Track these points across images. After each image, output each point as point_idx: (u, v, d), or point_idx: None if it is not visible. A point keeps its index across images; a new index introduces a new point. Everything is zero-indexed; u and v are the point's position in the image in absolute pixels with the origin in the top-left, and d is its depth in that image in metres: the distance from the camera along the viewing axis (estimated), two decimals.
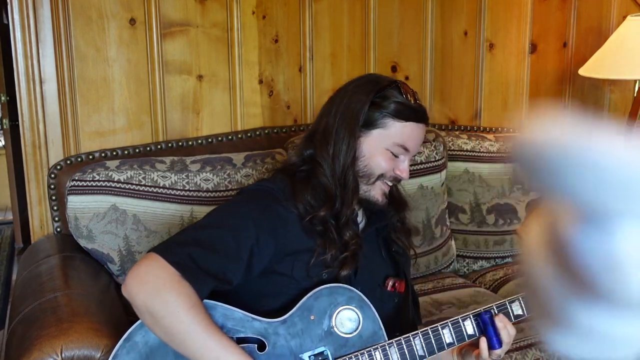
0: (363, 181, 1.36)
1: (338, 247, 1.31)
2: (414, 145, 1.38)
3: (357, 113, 1.34)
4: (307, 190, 1.33)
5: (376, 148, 1.35)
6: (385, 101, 1.35)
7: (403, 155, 1.37)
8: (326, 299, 1.26)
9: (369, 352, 1.25)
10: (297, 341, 1.23)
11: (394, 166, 1.37)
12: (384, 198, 1.39)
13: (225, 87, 2.22)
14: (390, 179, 1.38)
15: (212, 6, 2.15)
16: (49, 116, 1.97)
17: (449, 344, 1.28)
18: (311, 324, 1.24)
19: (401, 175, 1.38)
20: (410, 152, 1.38)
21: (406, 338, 1.26)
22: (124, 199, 1.76)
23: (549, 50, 2.87)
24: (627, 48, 2.63)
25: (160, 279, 1.14)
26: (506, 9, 2.71)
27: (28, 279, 1.65)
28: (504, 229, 2.35)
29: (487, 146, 2.36)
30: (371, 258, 1.41)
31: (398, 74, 2.56)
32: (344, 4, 2.39)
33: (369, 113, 1.35)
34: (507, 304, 1.33)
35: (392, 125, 1.35)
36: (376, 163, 1.35)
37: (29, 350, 1.25)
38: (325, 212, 1.31)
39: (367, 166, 1.35)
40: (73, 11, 1.95)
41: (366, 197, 1.37)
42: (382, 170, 1.36)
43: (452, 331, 1.28)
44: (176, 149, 2.10)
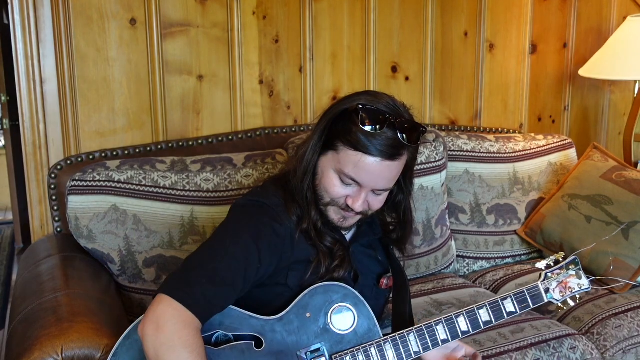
0: (318, 200, 1.32)
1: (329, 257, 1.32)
2: (366, 180, 1.26)
3: (321, 130, 1.31)
4: (293, 202, 1.33)
5: (327, 170, 1.30)
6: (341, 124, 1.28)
7: (355, 187, 1.28)
8: (321, 296, 1.28)
9: (365, 349, 1.26)
10: (293, 338, 1.24)
11: (348, 194, 1.29)
12: (342, 222, 1.33)
13: (225, 88, 2.22)
14: (343, 207, 1.31)
15: (213, 6, 2.15)
16: (49, 116, 1.97)
17: (443, 340, 1.29)
18: (307, 322, 1.26)
19: (352, 206, 1.29)
20: (364, 185, 1.27)
21: (401, 335, 1.28)
22: (125, 199, 1.77)
23: (549, 51, 2.87)
24: (627, 48, 2.63)
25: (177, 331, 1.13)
26: (506, 9, 2.72)
27: (28, 279, 1.65)
28: (504, 230, 2.35)
29: (487, 147, 2.36)
30: (366, 263, 1.44)
31: (398, 74, 2.56)
32: (344, 4, 2.39)
33: (330, 133, 1.30)
34: (499, 301, 1.34)
35: (342, 151, 1.27)
36: (325, 187, 1.30)
37: (30, 350, 1.25)
38: (306, 223, 1.32)
39: (319, 186, 1.32)
40: (74, 11, 1.95)
41: (325, 216, 1.33)
42: (331, 194, 1.30)
43: (446, 328, 1.30)
44: (176, 149, 2.10)
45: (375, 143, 1.23)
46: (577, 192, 2.28)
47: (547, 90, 2.92)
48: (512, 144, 2.43)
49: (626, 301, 1.99)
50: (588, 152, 2.43)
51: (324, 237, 1.33)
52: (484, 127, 2.74)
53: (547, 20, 2.83)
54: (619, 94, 3.13)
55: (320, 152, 1.31)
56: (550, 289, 1.36)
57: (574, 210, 2.24)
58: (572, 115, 3.02)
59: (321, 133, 1.31)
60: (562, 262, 1.39)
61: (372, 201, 1.31)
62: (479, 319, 1.32)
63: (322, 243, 1.33)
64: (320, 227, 1.33)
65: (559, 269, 1.38)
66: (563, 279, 1.37)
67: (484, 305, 1.32)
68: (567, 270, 1.38)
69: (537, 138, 2.53)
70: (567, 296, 1.37)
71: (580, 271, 1.39)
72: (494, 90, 2.77)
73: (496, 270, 2.29)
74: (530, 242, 2.34)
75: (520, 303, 1.35)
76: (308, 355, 1.24)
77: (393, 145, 1.24)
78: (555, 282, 1.36)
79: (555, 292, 1.36)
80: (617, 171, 2.27)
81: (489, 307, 1.33)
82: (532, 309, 1.37)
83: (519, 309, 1.34)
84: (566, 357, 1.73)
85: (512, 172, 2.38)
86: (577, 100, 3.02)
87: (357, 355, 1.25)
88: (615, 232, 2.08)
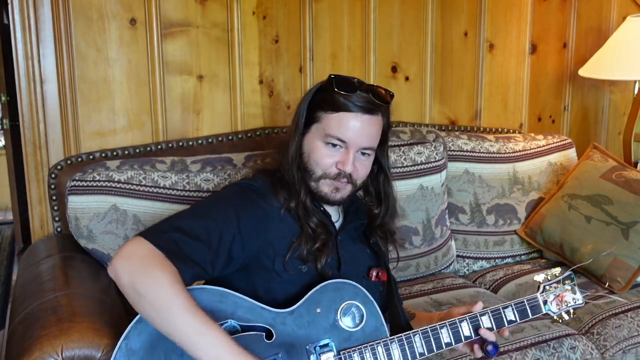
0: (308, 177, 1.41)
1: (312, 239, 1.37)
2: (351, 136, 1.37)
3: (300, 114, 1.44)
4: (282, 187, 1.41)
5: (314, 143, 1.40)
6: (319, 97, 1.42)
7: (342, 148, 1.38)
8: (332, 293, 1.31)
9: (372, 347, 1.29)
10: (303, 332, 1.27)
11: (337, 160, 1.39)
12: (334, 194, 1.41)
13: (225, 88, 2.22)
14: (334, 176, 1.39)
15: (213, 6, 2.15)
16: (49, 116, 1.97)
17: (447, 344, 1.33)
18: (317, 317, 1.28)
19: (342, 169, 1.38)
20: (349, 144, 1.38)
21: (407, 336, 1.31)
22: (125, 199, 1.77)
23: (549, 51, 2.88)
24: (627, 48, 2.63)
25: (145, 257, 1.18)
26: (506, 9, 2.72)
27: (28, 279, 1.65)
28: (504, 229, 2.35)
29: (487, 147, 2.36)
30: (353, 252, 1.48)
31: (398, 74, 2.56)
32: (344, 4, 2.39)
33: (310, 112, 1.43)
34: (500, 309, 1.38)
35: (325, 117, 1.39)
36: (315, 159, 1.40)
37: (30, 350, 1.25)
38: (294, 203, 1.39)
39: (308, 162, 1.41)
40: (74, 11, 1.95)
41: (317, 192, 1.41)
42: (322, 166, 1.39)
43: (449, 332, 1.33)
44: (176, 149, 2.10)
45: (352, 100, 1.37)
46: (577, 192, 2.28)
47: (547, 90, 2.92)
48: (512, 144, 2.43)
49: (626, 301, 1.99)
50: (588, 152, 2.43)
51: (310, 216, 1.40)
52: (483, 127, 2.74)
53: (547, 20, 2.83)
54: (619, 94, 3.13)
55: (303, 132, 1.43)
56: (548, 301, 1.43)
57: (573, 210, 2.24)
58: (572, 115, 3.02)
59: (300, 117, 1.43)
60: (559, 277, 1.45)
61: (359, 166, 1.40)
62: (482, 325, 1.36)
63: (307, 223, 1.39)
64: (308, 206, 1.40)
65: (555, 282, 1.44)
66: (560, 292, 1.44)
67: (486, 312, 1.37)
68: (563, 285, 1.45)
69: (537, 138, 2.53)
70: (563, 309, 1.44)
71: (575, 286, 1.46)
72: (494, 90, 2.77)
73: (496, 270, 2.29)
74: (530, 242, 2.34)
75: (520, 313, 1.40)
76: (317, 350, 1.26)
77: (369, 101, 1.38)
78: (553, 295, 1.43)
79: (553, 304, 1.43)
80: (617, 171, 2.27)
81: (491, 315, 1.37)
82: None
83: (520, 318, 1.39)
84: (566, 357, 1.74)
85: (512, 172, 2.38)
86: (577, 100, 3.02)
87: (364, 353, 1.28)
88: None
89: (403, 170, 2.12)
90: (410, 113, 2.62)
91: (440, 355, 1.65)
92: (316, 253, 1.37)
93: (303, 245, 1.36)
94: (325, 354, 1.26)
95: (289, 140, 1.45)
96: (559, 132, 2.96)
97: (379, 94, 1.40)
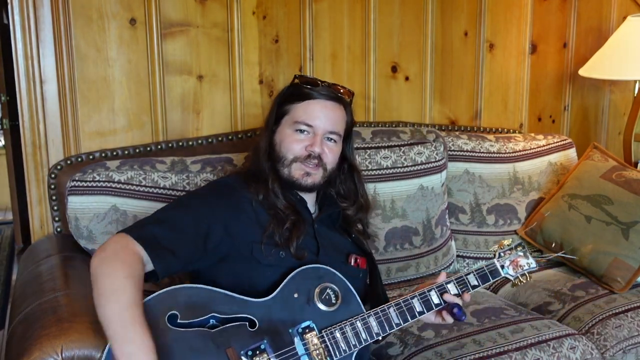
0: (280, 165, 1.52)
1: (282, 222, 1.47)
2: (317, 121, 1.51)
3: (270, 114, 1.59)
4: (253, 179, 1.52)
5: (284, 132, 1.54)
6: (286, 95, 1.58)
7: (310, 133, 1.51)
8: (306, 278, 1.40)
9: (351, 322, 1.38)
10: (285, 316, 1.34)
11: (306, 144, 1.51)
12: (305, 178, 1.52)
13: (225, 87, 2.22)
14: (304, 158, 1.51)
15: (213, 6, 2.15)
16: (49, 116, 1.97)
17: (419, 312, 1.43)
18: (296, 302, 1.37)
19: (312, 149, 1.50)
20: (315, 127, 1.51)
21: (382, 309, 1.41)
22: (125, 200, 1.76)
23: (549, 51, 2.87)
24: (627, 48, 2.63)
25: (119, 250, 1.26)
26: (506, 9, 2.72)
27: (28, 279, 1.65)
28: (504, 230, 2.35)
29: (487, 146, 2.36)
30: (330, 239, 1.57)
31: (398, 74, 2.56)
32: (344, 4, 2.39)
33: (279, 109, 1.57)
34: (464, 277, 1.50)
35: (293, 108, 1.54)
36: (285, 145, 1.52)
37: (30, 350, 1.25)
38: (263, 194, 1.49)
39: (280, 151, 1.53)
40: (73, 11, 1.95)
41: (289, 178, 1.52)
42: (293, 151, 1.51)
43: (420, 301, 1.44)
44: (176, 149, 2.10)
45: (317, 90, 1.54)
46: (577, 192, 2.28)
47: (547, 90, 2.92)
48: (512, 144, 2.43)
49: (626, 301, 1.99)
50: (588, 152, 2.43)
51: (279, 200, 1.50)
52: (484, 127, 2.74)
53: (547, 20, 2.83)
54: (619, 94, 3.13)
55: (273, 129, 1.56)
56: (505, 265, 1.57)
57: (574, 210, 2.24)
58: (572, 115, 3.02)
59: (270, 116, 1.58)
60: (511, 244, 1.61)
61: (327, 150, 1.53)
62: (448, 292, 1.47)
63: (277, 206, 1.49)
64: (277, 190, 1.51)
65: (509, 249, 1.60)
66: (514, 258, 1.58)
67: (451, 280, 1.48)
68: (516, 251, 1.60)
69: (537, 138, 2.53)
70: (519, 273, 1.58)
71: (527, 252, 1.61)
72: (494, 90, 2.77)
73: None
74: (530, 242, 2.34)
75: (482, 278, 1.53)
76: (300, 332, 1.32)
77: (331, 92, 1.55)
78: (508, 261, 1.57)
79: (509, 269, 1.57)
80: (617, 171, 2.27)
81: (456, 282, 1.49)
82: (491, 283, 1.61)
83: (481, 283, 1.52)
84: (566, 357, 1.73)
85: (512, 172, 2.38)
86: (577, 100, 3.02)
87: (344, 328, 1.36)
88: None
89: (403, 170, 2.12)
90: (410, 113, 2.62)
91: (440, 355, 1.65)
92: (287, 235, 1.45)
93: (275, 230, 1.45)
94: (308, 334, 1.32)
95: (260, 139, 1.58)
96: (559, 132, 2.96)
97: (340, 89, 1.56)
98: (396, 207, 2.11)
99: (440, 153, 2.20)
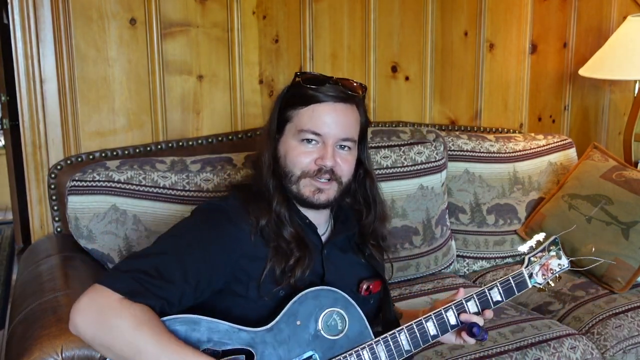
0: (287, 181, 1.32)
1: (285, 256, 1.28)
2: (326, 128, 1.29)
3: (271, 120, 1.37)
4: (255, 202, 1.31)
5: (288, 143, 1.33)
6: (287, 97, 1.35)
7: (319, 142, 1.30)
8: (311, 302, 1.25)
9: (357, 352, 1.25)
10: (285, 348, 1.22)
11: (315, 157, 1.30)
12: (318, 195, 1.31)
13: (225, 87, 2.22)
14: (315, 174, 1.30)
15: (213, 6, 2.15)
16: (49, 116, 1.97)
17: (433, 336, 1.29)
18: (298, 330, 1.23)
19: (322, 163, 1.29)
20: (325, 136, 1.30)
21: (392, 334, 1.26)
22: (124, 199, 1.76)
23: (549, 51, 2.87)
24: (627, 48, 2.63)
25: (102, 307, 1.11)
26: (506, 9, 2.72)
27: (28, 279, 1.65)
28: (504, 229, 2.35)
29: (487, 146, 2.36)
30: (340, 265, 1.38)
31: (398, 74, 2.56)
32: (344, 4, 2.39)
33: (280, 115, 1.35)
34: (486, 292, 1.34)
35: (296, 114, 1.32)
36: (291, 159, 1.31)
37: (30, 350, 1.25)
38: (266, 219, 1.29)
39: (285, 165, 1.33)
40: (73, 11, 1.95)
41: (298, 196, 1.32)
42: (300, 165, 1.31)
43: (435, 323, 1.29)
44: (176, 149, 2.10)
45: (322, 91, 1.30)
46: (577, 192, 2.28)
47: (547, 90, 2.92)
48: (512, 144, 2.43)
49: (626, 301, 1.99)
50: (588, 152, 2.43)
51: (284, 228, 1.30)
52: (484, 127, 2.74)
53: (547, 20, 2.83)
54: (619, 94, 3.13)
55: (276, 138, 1.35)
56: (534, 273, 1.38)
57: (574, 210, 2.24)
58: (572, 115, 3.02)
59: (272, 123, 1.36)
60: (544, 243, 1.40)
61: (341, 161, 1.32)
62: (467, 311, 1.31)
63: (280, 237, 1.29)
64: (283, 215, 1.31)
65: (541, 251, 1.39)
66: (545, 261, 1.39)
67: (471, 297, 1.32)
68: (548, 252, 1.40)
69: (537, 138, 2.53)
70: (549, 278, 1.40)
71: (560, 251, 1.41)
72: (494, 90, 2.77)
73: (496, 270, 2.29)
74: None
75: (507, 291, 1.35)
76: None
77: (340, 91, 1.31)
78: (538, 266, 1.39)
79: (538, 275, 1.38)
80: (617, 171, 2.27)
81: (477, 298, 1.32)
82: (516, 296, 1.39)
83: (505, 297, 1.35)
84: (566, 357, 1.73)
85: (512, 172, 2.38)
86: (577, 100, 3.02)
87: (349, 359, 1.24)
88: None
89: (403, 170, 2.12)
90: (410, 113, 2.62)
91: (440, 355, 1.65)
92: (289, 273, 1.27)
93: (276, 265, 1.27)
94: None
95: (262, 150, 1.36)
96: (559, 132, 2.96)
97: (350, 85, 1.33)
98: (396, 207, 2.10)
99: (440, 153, 2.20)
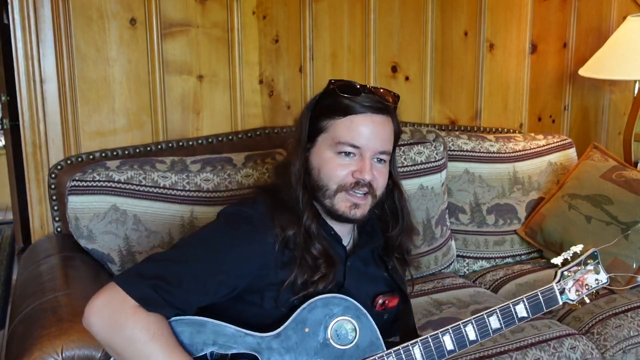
0: (321, 195, 1.28)
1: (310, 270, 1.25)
2: (365, 140, 1.26)
3: (302, 128, 1.32)
4: (282, 213, 1.27)
5: (323, 155, 1.28)
6: (321, 105, 1.31)
7: (356, 155, 1.27)
8: (321, 310, 1.21)
9: None
10: (291, 355, 1.19)
11: (352, 169, 1.27)
12: (354, 211, 1.28)
13: (225, 87, 2.22)
14: (352, 187, 1.27)
15: (213, 6, 2.15)
16: (49, 116, 1.97)
17: (450, 351, 1.22)
18: (306, 337, 1.20)
19: (360, 177, 1.26)
20: (363, 149, 1.26)
21: (405, 347, 1.21)
22: (125, 199, 1.76)
23: (549, 51, 2.87)
24: (627, 48, 2.63)
25: (116, 312, 1.13)
26: (506, 9, 2.72)
27: (28, 279, 1.65)
28: (504, 229, 2.35)
29: (487, 146, 2.36)
30: (360, 279, 1.35)
31: (398, 74, 2.56)
32: (344, 4, 2.39)
33: (313, 124, 1.30)
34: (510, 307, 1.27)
35: (332, 124, 1.28)
36: (327, 172, 1.27)
37: (30, 349, 1.25)
38: (293, 231, 1.25)
39: (319, 178, 1.28)
40: (73, 11, 1.95)
41: (333, 211, 1.28)
42: (337, 179, 1.27)
43: (453, 338, 1.23)
44: (176, 149, 2.11)
45: (359, 101, 1.27)
46: (577, 192, 2.28)
47: (547, 90, 2.92)
48: (512, 144, 2.43)
49: (626, 301, 1.99)
50: (588, 152, 2.43)
51: (312, 244, 1.26)
52: (483, 127, 2.74)
53: (547, 20, 2.83)
54: (619, 94, 3.13)
55: (307, 147, 1.31)
56: (566, 289, 1.25)
57: (574, 210, 2.24)
58: (572, 115, 3.02)
59: (303, 130, 1.31)
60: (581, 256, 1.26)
61: (377, 174, 1.28)
62: (489, 326, 1.25)
63: (308, 251, 1.25)
64: (313, 231, 1.27)
65: (576, 265, 1.26)
66: (580, 276, 1.25)
67: (494, 312, 1.25)
68: (585, 266, 1.26)
69: (537, 138, 2.53)
70: (584, 294, 1.26)
71: (598, 265, 1.27)
72: (494, 90, 2.77)
73: (496, 270, 2.29)
74: (530, 241, 2.34)
75: (534, 307, 1.27)
76: None
77: (377, 101, 1.28)
78: (572, 281, 1.25)
79: (571, 292, 1.25)
80: (617, 171, 2.27)
81: (500, 314, 1.25)
82: None
83: (532, 314, 1.27)
84: (566, 357, 1.73)
85: (512, 172, 2.38)
86: (577, 100, 3.02)
87: None
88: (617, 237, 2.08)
89: (403, 170, 2.12)
90: (410, 113, 2.62)
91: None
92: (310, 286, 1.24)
93: (299, 277, 1.23)
94: None
95: (291, 159, 1.31)
96: (559, 132, 2.96)
97: (384, 94, 1.30)
98: None
99: (440, 153, 2.20)
